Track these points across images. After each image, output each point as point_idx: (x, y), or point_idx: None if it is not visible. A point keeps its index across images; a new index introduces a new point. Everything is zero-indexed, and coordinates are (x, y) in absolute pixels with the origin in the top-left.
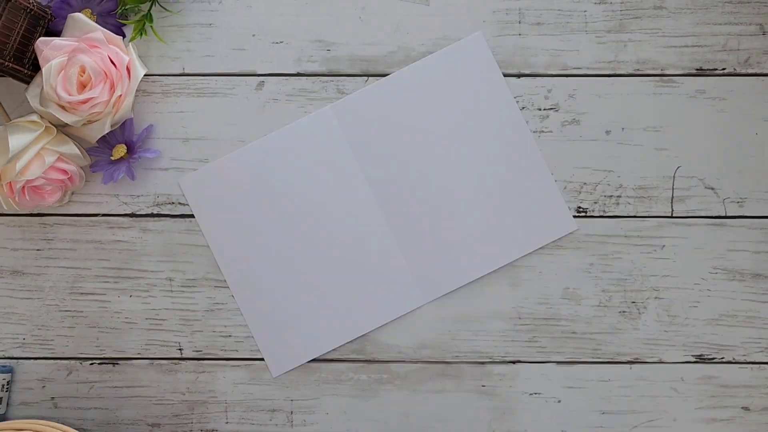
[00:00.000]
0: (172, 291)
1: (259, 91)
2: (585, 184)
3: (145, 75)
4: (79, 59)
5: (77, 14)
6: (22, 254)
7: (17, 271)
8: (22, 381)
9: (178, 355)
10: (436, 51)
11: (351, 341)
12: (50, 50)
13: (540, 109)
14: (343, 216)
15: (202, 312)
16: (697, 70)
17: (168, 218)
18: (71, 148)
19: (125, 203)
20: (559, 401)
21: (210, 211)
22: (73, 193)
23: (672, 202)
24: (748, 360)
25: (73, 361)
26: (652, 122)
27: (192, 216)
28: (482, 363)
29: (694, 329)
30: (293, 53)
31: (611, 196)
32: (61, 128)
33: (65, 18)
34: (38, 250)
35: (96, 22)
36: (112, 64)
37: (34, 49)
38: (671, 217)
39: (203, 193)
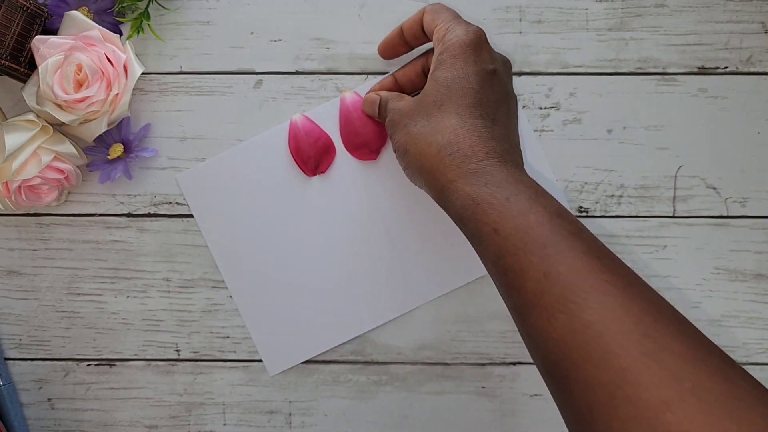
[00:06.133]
0: (169, 291)
1: (258, 89)
2: (586, 183)
3: (142, 73)
4: (75, 57)
5: (74, 12)
6: (18, 254)
7: (13, 271)
8: (18, 382)
9: (176, 357)
10: None
11: (350, 342)
12: (47, 48)
13: (541, 108)
14: (343, 214)
15: (200, 313)
16: (699, 68)
17: (165, 218)
18: (68, 147)
19: (122, 203)
20: None
21: (208, 208)
22: (69, 193)
23: (674, 202)
24: (750, 361)
25: (69, 362)
26: (654, 121)
27: (189, 216)
28: (482, 364)
29: None
30: (292, 51)
31: (612, 195)
32: (58, 127)
33: (62, 16)
34: (34, 250)
35: (93, 20)
36: (109, 63)
37: (30, 48)
38: (673, 217)
39: (201, 190)
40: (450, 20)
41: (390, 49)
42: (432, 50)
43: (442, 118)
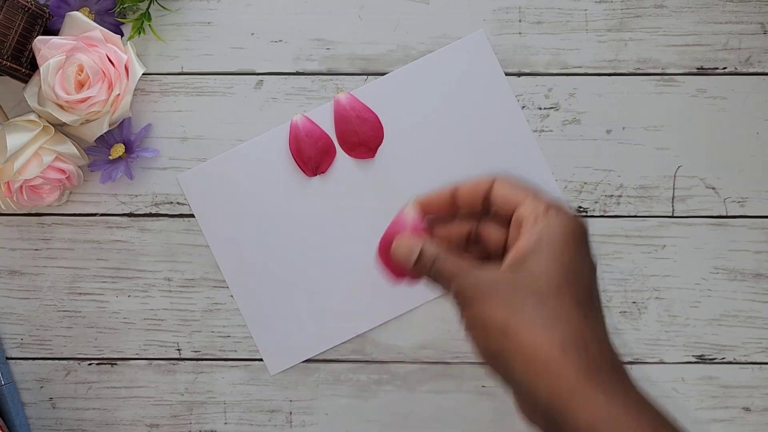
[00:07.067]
0: (170, 291)
1: (258, 89)
2: (585, 183)
3: (143, 74)
4: (77, 58)
5: (75, 13)
6: (20, 254)
7: (15, 271)
8: (20, 381)
9: (177, 356)
10: (435, 50)
11: (350, 341)
12: (48, 49)
13: (540, 108)
14: (343, 214)
15: (201, 312)
16: (698, 69)
17: (166, 218)
18: (69, 148)
19: (123, 203)
20: None
21: (209, 208)
22: (71, 193)
23: (673, 202)
24: (749, 360)
25: (71, 362)
26: (653, 121)
27: (190, 216)
28: (482, 363)
29: (695, 329)
30: (292, 52)
31: (612, 195)
32: (59, 127)
33: (63, 17)
34: (36, 249)
35: (94, 20)
36: (110, 63)
37: (31, 48)
38: (672, 216)
39: (202, 190)
40: (545, 199)
41: (435, 208)
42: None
43: (560, 304)
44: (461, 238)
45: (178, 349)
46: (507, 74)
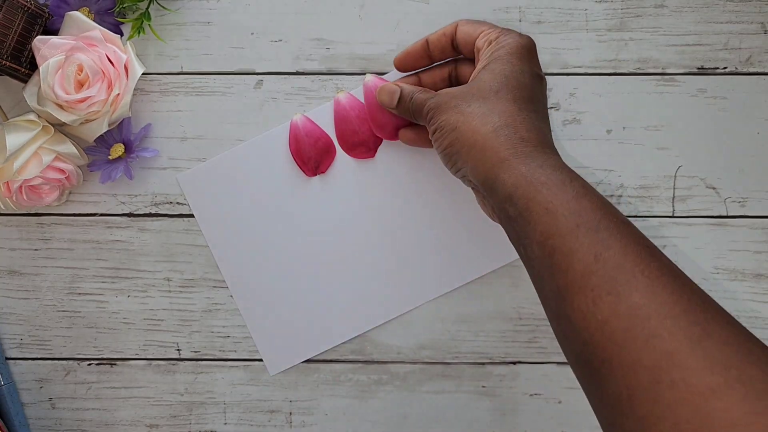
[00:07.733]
0: (170, 291)
1: (258, 89)
2: None
3: (143, 74)
4: (76, 58)
5: (75, 12)
6: (19, 254)
7: (14, 271)
8: (19, 382)
9: (176, 356)
10: None
11: (350, 341)
12: (48, 49)
13: None
14: (343, 214)
15: (201, 312)
16: (699, 68)
17: (166, 218)
18: (69, 148)
19: (123, 203)
20: (560, 402)
21: (208, 208)
22: (70, 193)
23: (673, 202)
24: None
25: (70, 362)
26: (653, 121)
27: (190, 216)
28: (482, 364)
29: None
30: (292, 51)
31: (612, 195)
32: (59, 127)
33: (63, 16)
34: (36, 250)
35: (94, 20)
36: (109, 63)
37: (31, 48)
38: (672, 216)
39: (202, 190)
40: (500, 28)
41: (411, 62)
42: (461, 59)
43: (498, 102)
44: (444, 80)
45: (178, 350)
46: None
